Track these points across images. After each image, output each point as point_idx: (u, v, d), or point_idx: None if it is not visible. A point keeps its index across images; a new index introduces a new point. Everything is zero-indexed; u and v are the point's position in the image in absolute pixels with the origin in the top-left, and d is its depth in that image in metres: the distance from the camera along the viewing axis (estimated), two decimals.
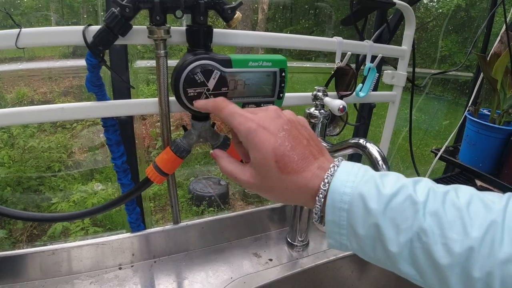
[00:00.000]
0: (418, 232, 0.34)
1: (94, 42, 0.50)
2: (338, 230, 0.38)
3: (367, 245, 0.37)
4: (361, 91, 0.81)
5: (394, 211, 0.36)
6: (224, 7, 0.52)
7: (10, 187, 2.45)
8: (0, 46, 0.50)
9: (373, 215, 0.36)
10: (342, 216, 0.37)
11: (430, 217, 0.35)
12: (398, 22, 0.95)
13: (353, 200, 0.37)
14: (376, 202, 0.36)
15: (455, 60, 5.99)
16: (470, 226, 0.33)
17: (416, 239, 0.34)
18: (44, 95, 3.84)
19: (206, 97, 0.51)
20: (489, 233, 0.32)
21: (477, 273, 0.32)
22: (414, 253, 0.35)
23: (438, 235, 0.34)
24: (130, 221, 0.74)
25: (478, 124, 1.13)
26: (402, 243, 0.35)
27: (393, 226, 0.35)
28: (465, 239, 0.33)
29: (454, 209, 0.35)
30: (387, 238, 0.36)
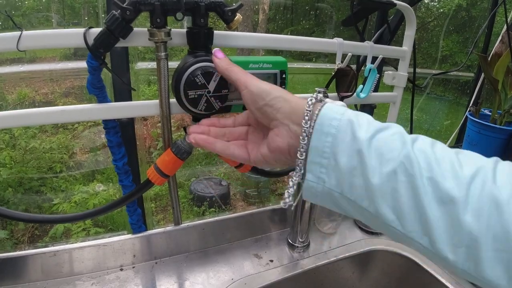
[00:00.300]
0: (403, 162, 0.32)
1: (95, 44, 0.50)
2: (319, 160, 0.36)
3: (346, 179, 0.35)
4: (361, 92, 0.81)
5: (381, 141, 0.34)
6: (225, 9, 0.52)
7: (12, 188, 2.45)
8: (2, 49, 0.50)
9: (359, 142, 0.34)
10: (327, 142, 0.36)
11: (418, 151, 0.33)
12: (399, 22, 0.95)
13: (341, 126, 0.36)
14: (365, 131, 0.35)
15: (456, 60, 5.99)
16: (459, 166, 0.31)
17: (401, 170, 0.32)
18: (45, 96, 3.85)
19: (206, 99, 0.51)
20: (479, 175, 0.31)
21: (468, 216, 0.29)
22: (396, 189, 0.32)
23: (424, 168, 0.32)
24: (131, 223, 0.74)
25: (479, 124, 1.13)
26: (384, 174, 0.33)
27: (378, 156, 0.33)
28: (453, 176, 0.31)
29: (444, 151, 0.33)
30: (369, 167, 0.33)
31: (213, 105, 0.53)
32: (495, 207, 0.29)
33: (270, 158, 0.43)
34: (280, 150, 0.41)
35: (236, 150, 0.47)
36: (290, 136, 0.40)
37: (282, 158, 0.42)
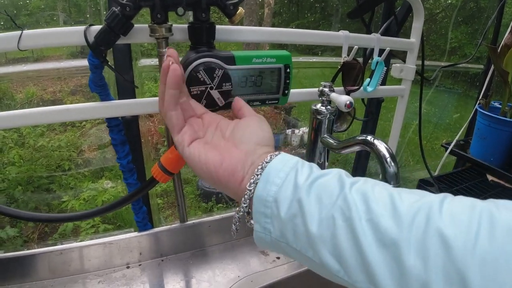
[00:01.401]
0: (341, 206, 0.31)
1: (95, 42, 0.49)
2: (263, 210, 0.35)
3: (288, 228, 0.34)
4: (369, 85, 0.79)
5: (320, 187, 0.33)
6: (226, 3, 0.51)
7: (21, 186, 2.48)
8: (3, 49, 0.50)
9: (298, 190, 0.33)
10: (271, 191, 0.35)
11: (356, 193, 0.31)
12: (406, 14, 0.93)
13: (287, 177, 0.35)
14: (305, 178, 0.34)
15: (466, 51, 5.89)
16: (400, 203, 0.29)
17: (338, 215, 0.31)
18: (53, 94, 3.88)
19: (209, 95, 0.51)
20: (422, 210, 0.28)
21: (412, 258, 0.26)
22: (335, 235, 0.30)
23: (362, 210, 0.30)
24: (137, 220, 0.74)
25: (489, 117, 1.11)
26: (323, 219, 0.31)
27: (316, 201, 0.32)
28: (394, 215, 0.28)
29: (384, 189, 0.31)
30: (308, 214, 0.32)
31: (216, 101, 0.52)
32: (442, 244, 0.26)
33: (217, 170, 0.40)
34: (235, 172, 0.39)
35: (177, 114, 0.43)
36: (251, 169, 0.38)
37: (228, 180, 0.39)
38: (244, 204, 0.37)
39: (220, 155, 0.40)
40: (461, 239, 0.25)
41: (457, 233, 0.25)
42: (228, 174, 0.39)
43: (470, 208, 0.27)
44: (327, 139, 0.65)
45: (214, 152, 0.41)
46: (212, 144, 0.43)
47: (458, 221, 0.26)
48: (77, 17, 4.09)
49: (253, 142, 0.41)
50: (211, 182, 0.41)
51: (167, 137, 0.61)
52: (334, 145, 0.63)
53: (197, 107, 0.48)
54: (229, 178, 0.39)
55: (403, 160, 3.07)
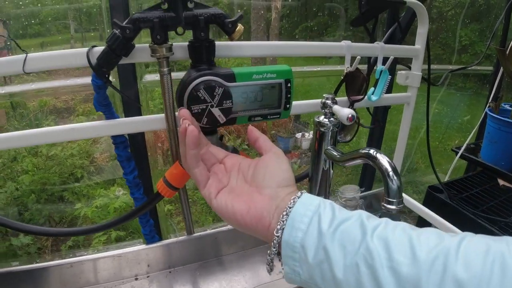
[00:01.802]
0: (363, 254, 0.33)
1: (98, 63, 0.50)
2: (291, 254, 0.37)
3: (317, 273, 0.36)
4: (373, 94, 0.79)
5: (343, 233, 0.35)
6: (225, 21, 0.51)
7: (35, 194, 2.53)
8: (9, 72, 0.51)
9: (323, 237, 0.35)
10: (297, 237, 0.37)
11: (377, 240, 0.33)
12: (411, 20, 0.92)
13: (310, 222, 0.37)
14: (328, 224, 0.36)
15: (476, 49, 5.80)
16: (419, 250, 0.31)
17: (362, 263, 0.33)
18: (65, 102, 3.95)
19: (210, 113, 0.51)
20: (440, 257, 0.30)
21: None
22: (360, 280, 0.32)
23: (384, 257, 0.32)
24: (145, 233, 0.75)
25: (499, 120, 1.09)
26: (348, 266, 0.33)
27: (341, 248, 0.34)
28: (413, 262, 0.30)
29: (404, 234, 0.33)
30: (334, 261, 0.34)
31: (217, 119, 0.52)
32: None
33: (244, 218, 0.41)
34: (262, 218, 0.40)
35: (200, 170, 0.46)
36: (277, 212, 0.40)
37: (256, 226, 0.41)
38: (274, 249, 0.39)
39: (245, 204, 0.42)
40: (475, 285, 0.27)
41: (471, 278, 0.28)
42: (255, 221, 0.40)
43: (485, 253, 0.29)
44: (330, 151, 0.65)
45: (240, 200, 0.42)
46: (237, 192, 0.44)
47: (472, 267, 0.28)
48: (88, 26, 4.15)
49: (275, 185, 0.42)
50: (240, 229, 0.43)
51: (171, 152, 0.62)
52: (337, 158, 0.62)
53: (218, 152, 0.50)
54: (257, 225, 0.40)
55: (414, 163, 3.03)
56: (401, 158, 0.96)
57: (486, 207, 1.01)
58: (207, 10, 0.50)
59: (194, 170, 0.45)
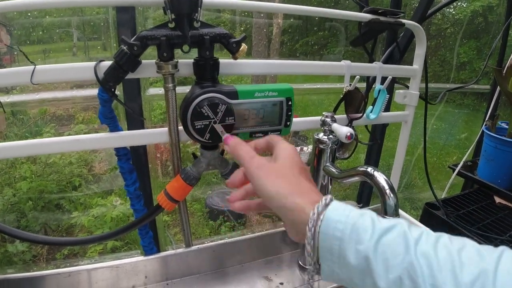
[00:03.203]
0: (407, 269, 0.34)
1: (105, 78, 0.52)
2: (330, 257, 0.38)
3: (357, 277, 0.37)
4: (371, 113, 0.80)
5: (385, 246, 0.35)
6: (230, 41, 0.53)
7: (32, 201, 2.51)
8: (17, 83, 0.52)
9: (364, 248, 0.36)
10: (334, 244, 0.37)
11: (421, 256, 0.34)
12: (409, 40, 0.94)
13: (346, 229, 0.37)
14: (369, 234, 0.36)
15: (474, 66, 5.87)
16: (460, 271, 0.32)
17: (405, 276, 0.33)
18: (66, 110, 3.95)
19: (213, 129, 0.52)
20: (479, 280, 0.31)
21: None
22: None
23: (427, 275, 0.33)
24: (143, 245, 0.75)
25: (496, 139, 1.11)
26: (391, 280, 0.34)
27: (383, 261, 0.35)
28: (455, 284, 0.32)
29: (446, 252, 0.34)
30: (376, 273, 0.35)
31: (219, 134, 0.53)
32: None
33: None
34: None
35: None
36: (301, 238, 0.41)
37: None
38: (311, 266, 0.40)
39: None
40: None
41: None
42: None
43: None
44: (329, 168, 0.66)
45: None
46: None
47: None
48: (90, 34, 4.18)
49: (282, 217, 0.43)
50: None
51: (172, 166, 0.63)
52: (336, 175, 0.64)
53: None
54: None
55: (412, 179, 3.04)
56: (399, 175, 0.97)
57: (483, 224, 1.02)
58: (212, 30, 0.52)
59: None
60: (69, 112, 3.95)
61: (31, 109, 3.29)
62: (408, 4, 4.37)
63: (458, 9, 6.58)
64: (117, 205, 2.47)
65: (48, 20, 3.59)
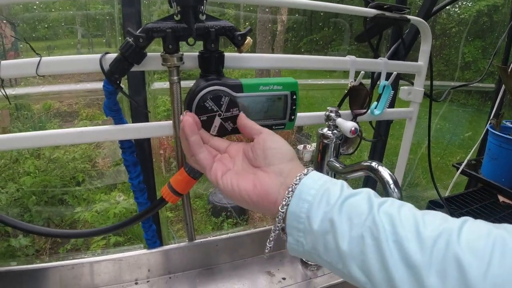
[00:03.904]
0: (370, 227, 0.34)
1: (110, 70, 0.52)
2: (296, 225, 0.39)
3: (320, 243, 0.37)
4: (376, 109, 0.80)
5: (351, 206, 0.36)
6: (235, 34, 0.53)
7: (36, 196, 2.53)
8: (22, 74, 0.53)
9: (330, 209, 0.37)
10: (303, 208, 0.38)
11: (384, 215, 0.34)
12: (414, 36, 0.94)
13: (317, 194, 0.38)
14: (336, 197, 0.37)
15: (479, 66, 5.84)
16: (423, 228, 0.32)
17: (367, 234, 0.34)
18: (69, 106, 3.97)
19: (218, 122, 0.52)
20: (443, 235, 0.31)
21: (432, 279, 0.30)
22: (364, 252, 0.34)
23: (389, 231, 0.33)
24: (147, 238, 0.76)
25: (500, 137, 1.10)
26: (353, 238, 0.34)
27: (347, 220, 0.35)
28: (417, 238, 0.31)
29: (410, 213, 0.34)
30: (339, 232, 0.35)
31: (225, 127, 0.53)
32: (458, 269, 0.29)
33: (250, 196, 0.43)
34: (267, 195, 0.42)
35: (204, 154, 0.48)
36: (282, 188, 0.41)
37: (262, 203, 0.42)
38: (279, 224, 0.41)
39: (251, 182, 0.43)
40: (475, 265, 0.28)
41: (471, 260, 0.28)
42: (261, 198, 0.42)
43: (486, 236, 0.30)
44: (333, 163, 0.66)
45: (245, 179, 0.44)
46: (242, 172, 0.46)
47: (473, 248, 0.29)
48: (94, 31, 4.19)
49: (277, 162, 0.44)
50: (248, 207, 0.44)
51: (176, 159, 0.63)
52: (340, 169, 0.64)
53: (220, 144, 0.51)
54: (263, 201, 0.42)
55: (415, 178, 3.04)
56: (403, 172, 0.97)
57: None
58: (218, 23, 0.52)
59: (199, 156, 0.47)
60: (73, 108, 3.97)
61: (35, 103, 3.30)
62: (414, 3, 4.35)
63: (463, 8, 6.55)
64: (120, 201, 2.49)
65: (52, 15, 3.60)
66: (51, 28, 3.62)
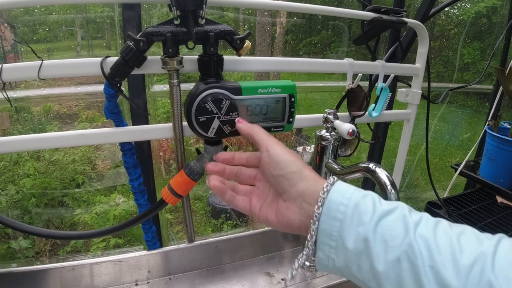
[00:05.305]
0: (406, 250, 0.34)
1: (111, 73, 0.52)
2: (328, 242, 0.38)
3: (354, 262, 0.37)
4: (374, 110, 0.81)
5: (385, 227, 0.36)
6: (234, 37, 0.54)
7: (35, 198, 2.53)
8: (24, 77, 0.53)
9: (364, 229, 0.36)
10: (334, 226, 0.38)
11: (420, 239, 0.34)
12: (412, 39, 0.95)
13: (347, 211, 0.38)
14: (370, 216, 0.37)
15: (478, 67, 5.85)
16: (459, 254, 0.32)
17: (404, 258, 0.34)
18: (69, 108, 3.97)
19: (216, 124, 0.53)
20: (478, 262, 0.31)
21: None
22: (401, 275, 0.34)
23: (426, 257, 0.33)
24: (147, 240, 0.76)
25: (498, 138, 1.11)
26: (389, 261, 0.34)
27: (382, 242, 0.35)
28: (453, 265, 0.32)
29: (445, 236, 0.34)
30: (374, 254, 0.35)
31: (223, 129, 0.54)
32: None
33: (277, 226, 0.45)
34: (290, 224, 0.43)
35: (241, 202, 0.49)
36: (302, 214, 0.42)
37: (291, 230, 0.44)
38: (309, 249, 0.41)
39: (274, 214, 0.45)
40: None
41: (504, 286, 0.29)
42: (287, 227, 0.44)
43: None
44: (331, 165, 0.67)
45: (271, 212, 0.46)
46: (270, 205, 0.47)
47: (506, 276, 0.30)
48: (94, 33, 4.20)
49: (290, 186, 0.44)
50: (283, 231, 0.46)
51: (176, 161, 0.64)
52: (338, 171, 0.64)
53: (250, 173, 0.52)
54: (289, 229, 0.44)
55: (414, 179, 3.04)
56: (401, 173, 0.97)
57: (484, 223, 1.02)
58: (217, 27, 0.53)
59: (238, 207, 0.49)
60: (73, 111, 3.97)
61: (35, 105, 3.31)
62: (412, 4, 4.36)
63: (461, 10, 6.57)
64: (120, 203, 2.49)
65: (52, 18, 3.61)
66: (51, 31, 3.63)
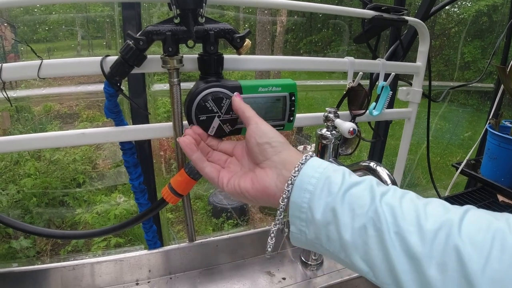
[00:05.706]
0: (372, 218, 0.34)
1: (111, 72, 0.52)
2: (298, 215, 0.39)
3: (323, 233, 0.37)
4: (374, 109, 0.81)
5: (352, 196, 0.36)
6: (234, 36, 0.53)
7: (36, 198, 2.53)
8: (24, 77, 0.53)
9: (332, 199, 0.37)
10: (305, 198, 0.38)
11: (386, 206, 0.35)
12: (412, 38, 0.94)
13: (318, 183, 0.38)
14: (338, 187, 0.37)
15: (479, 66, 5.85)
16: (424, 220, 0.32)
17: (370, 225, 0.34)
18: (70, 108, 3.98)
19: (217, 123, 0.53)
20: (444, 228, 0.31)
21: (433, 270, 0.30)
22: (367, 243, 0.34)
23: (391, 223, 0.33)
24: (147, 239, 0.76)
25: (499, 137, 1.11)
26: (356, 229, 0.35)
27: (349, 211, 0.36)
28: (418, 231, 0.32)
29: (411, 204, 0.35)
30: (342, 223, 0.36)
31: (223, 128, 0.54)
32: (458, 261, 0.29)
33: (250, 193, 0.45)
34: (266, 190, 0.43)
35: (209, 168, 0.49)
36: (280, 180, 0.42)
37: (263, 198, 0.44)
38: (280, 216, 0.42)
39: (250, 180, 0.45)
40: (475, 258, 0.29)
41: (471, 252, 0.29)
42: (260, 193, 0.44)
43: (486, 229, 0.30)
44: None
45: (245, 179, 0.46)
46: (244, 174, 0.48)
47: (473, 241, 0.30)
48: (94, 33, 4.20)
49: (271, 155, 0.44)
50: (253, 203, 0.47)
51: (176, 160, 0.64)
52: None
53: (227, 148, 0.53)
54: (262, 196, 0.44)
55: (415, 178, 3.04)
56: (402, 172, 0.97)
57: None
58: (217, 25, 0.53)
59: (204, 171, 0.49)
60: (73, 110, 3.97)
61: (35, 105, 3.31)
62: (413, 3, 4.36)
63: (462, 8, 6.56)
64: (120, 202, 2.49)
65: (52, 17, 3.61)
66: (51, 30, 3.63)
